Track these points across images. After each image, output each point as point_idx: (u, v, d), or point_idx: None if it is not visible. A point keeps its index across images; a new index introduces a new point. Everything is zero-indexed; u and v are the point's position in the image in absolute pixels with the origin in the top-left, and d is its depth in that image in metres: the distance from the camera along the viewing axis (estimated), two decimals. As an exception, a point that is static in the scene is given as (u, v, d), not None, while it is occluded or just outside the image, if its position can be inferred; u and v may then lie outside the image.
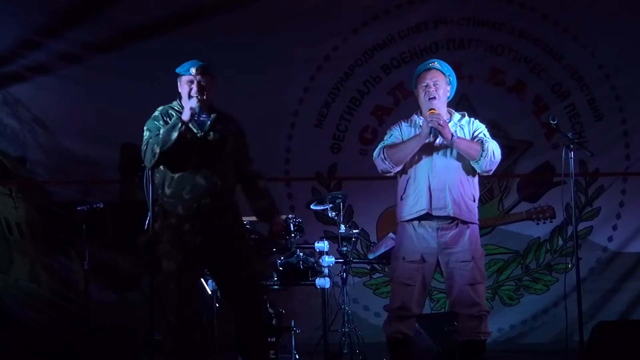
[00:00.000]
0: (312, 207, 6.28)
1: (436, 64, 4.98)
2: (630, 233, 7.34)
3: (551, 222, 7.26)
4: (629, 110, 7.40)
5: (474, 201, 4.87)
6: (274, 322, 5.89)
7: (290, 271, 5.79)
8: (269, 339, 5.68)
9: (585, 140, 7.29)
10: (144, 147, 4.67)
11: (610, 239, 7.36)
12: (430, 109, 4.82)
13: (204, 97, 4.66)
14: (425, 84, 4.88)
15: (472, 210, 4.84)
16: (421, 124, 4.84)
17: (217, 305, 5.62)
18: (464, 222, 4.80)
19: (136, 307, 6.99)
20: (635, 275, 7.32)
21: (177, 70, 4.81)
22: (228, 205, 4.70)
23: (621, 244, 7.35)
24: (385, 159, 4.85)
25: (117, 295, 7.23)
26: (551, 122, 5.31)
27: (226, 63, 6.86)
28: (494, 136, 5.06)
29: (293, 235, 5.85)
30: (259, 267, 5.22)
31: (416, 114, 4.98)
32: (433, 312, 7.14)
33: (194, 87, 4.68)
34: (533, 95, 7.47)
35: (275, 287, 5.82)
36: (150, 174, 5.04)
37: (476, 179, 4.92)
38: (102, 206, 6.35)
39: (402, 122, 5.01)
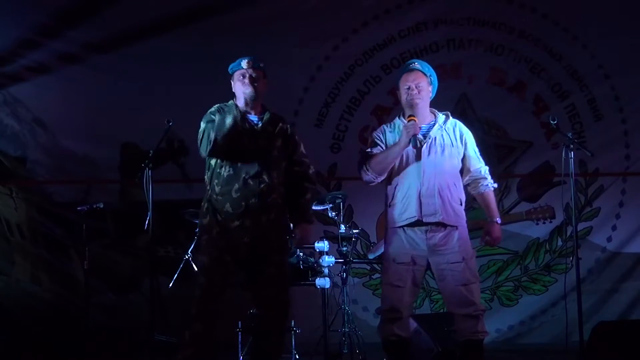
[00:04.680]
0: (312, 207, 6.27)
1: (417, 64, 4.92)
2: (629, 233, 7.34)
3: (551, 222, 7.29)
4: (629, 110, 7.41)
5: (461, 204, 4.84)
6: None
7: (290, 271, 5.79)
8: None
9: (585, 140, 7.30)
10: (200, 137, 4.68)
11: (609, 239, 7.36)
12: (410, 116, 4.79)
13: (256, 89, 4.69)
14: (407, 87, 4.85)
15: (459, 214, 4.82)
16: (402, 127, 4.82)
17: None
18: (453, 225, 4.79)
19: (136, 308, 6.99)
20: (634, 275, 7.32)
21: (229, 68, 4.80)
22: (273, 203, 4.70)
23: (620, 244, 7.35)
24: (367, 169, 4.83)
25: (117, 297, 7.23)
26: (551, 122, 5.31)
27: (226, 63, 6.86)
28: (493, 136, 5.05)
29: (293, 235, 5.85)
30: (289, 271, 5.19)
31: (398, 117, 4.96)
32: (433, 312, 7.15)
33: (246, 80, 4.70)
34: (533, 95, 7.48)
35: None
36: (150, 174, 5.05)
37: (460, 180, 4.90)
38: (102, 206, 6.36)
39: (385, 128, 4.96)
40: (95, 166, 7.34)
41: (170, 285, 6.06)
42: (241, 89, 4.71)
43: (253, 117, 4.74)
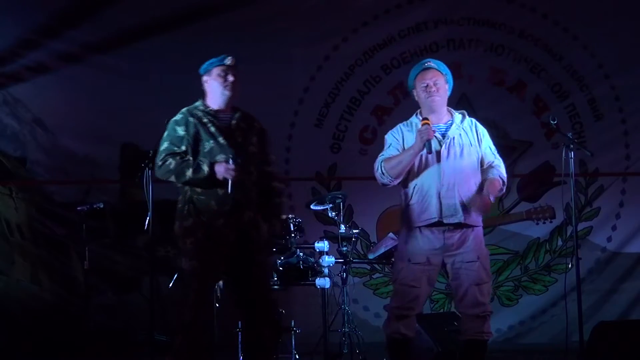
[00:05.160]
0: (312, 207, 6.28)
1: (432, 63, 4.88)
2: (629, 233, 7.35)
3: (551, 222, 7.29)
4: (629, 110, 7.41)
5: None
6: (274, 322, 5.90)
7: (290, 271, 5.80)
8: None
9: (585, 140, 7.30)
10: (159, 161, 4.63)
11: (609, 239, 7.36)
12: (424, 119, 4.76)
13: (235, 90, 4.68)
14: (426, 84, 4.80)
15: (477, 214, 4.80)
16: (419, 126, 4.79)
17: (217, 305, 5.63)
18: (469, 225, 4.77)
19: (136, 308, 6.99)
20: (634, 275, 7.32)
21: (207, 63, 4.77)
22: (254, 199, 4.69)
23: (620, 244, 7.35)
24: (383, 173, 4.80)
25: (117, 297, 7.23)
26: (551, 122, 5.31)
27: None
28: (493, 136, 5.03)
29: (293, 235, 5.86)
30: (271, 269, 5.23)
31: (415, 115, 4.94)
32: (433, 312, 7.15)
33: (229, 77, 4.67)
34: (533, 95, 7.48)
35: (275, 287, 5.83)
36: (150, 174, 5.04)
37: (480, 179, 4.88)
38: (102, 206, 6.36)
39: (402, 127, 4.90)
40: (95, 166, 7.33)
41: (171, 285, 6.06)
42: (221, 88, 4.68)
43: (224, 116, 4.72)
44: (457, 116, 4.86)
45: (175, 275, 6.02)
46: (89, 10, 7.24)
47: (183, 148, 4.64)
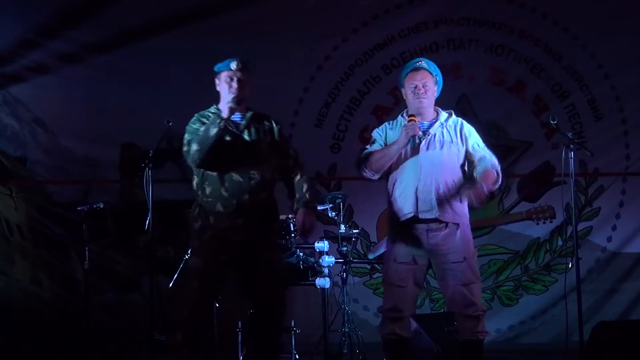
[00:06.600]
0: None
1: (424, 63, 4.91)
2: (629, 233, 7.34)
3: (551, 222, 7.29)
4: (629, 110, 7.40)
5: (461, 202, 4.81)
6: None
7: (290, 271, 5.80)
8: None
9: (585, 140, 7.29)
10: (185, 149, 4.72)
11: (609, 239, 7.36)
12: (410, 116, 4.79)
13: (242, 94, 4.71)
14: (414, 85, 4.84)
15: (458, 212, 4.78)
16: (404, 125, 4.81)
17: (217, 305, 5.62)
18: (454, 223, 4.77)
19: (136, 308, 6.99)
20: (634, 275, 7.32)
21: (216, 67, 4.81)
22: (264, 200, 4.72)
23: (620, 245, 7.35)
24: (365, 167, 4.83)
25: (117, 297, 7.23)
26: (551, 122, 5.32)
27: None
28: (493, 136, 5.04)
29: (293, 235, 5.86)
30: (283, 269, 5.25)
31: (401, 114, 4.95)
32: (433, 312, 7.15)
33: (234, 83, 4.71)
34: (533, 95, 7.48)
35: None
36: (150, 174, 5.05)
37: (460, 177, 4.86)
38: (102, 206, 6.37)
39: (387, 125, 4.96)
40: (95, 166, 7.33)
41: (170, 285, 6.06)
42: (227, 92, 4.72)
43: (236, 117, 4.76)
44: (443, 115, 4.89)
45: (175, 275, 6.02)
46: (89, 10, 7.23)
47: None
